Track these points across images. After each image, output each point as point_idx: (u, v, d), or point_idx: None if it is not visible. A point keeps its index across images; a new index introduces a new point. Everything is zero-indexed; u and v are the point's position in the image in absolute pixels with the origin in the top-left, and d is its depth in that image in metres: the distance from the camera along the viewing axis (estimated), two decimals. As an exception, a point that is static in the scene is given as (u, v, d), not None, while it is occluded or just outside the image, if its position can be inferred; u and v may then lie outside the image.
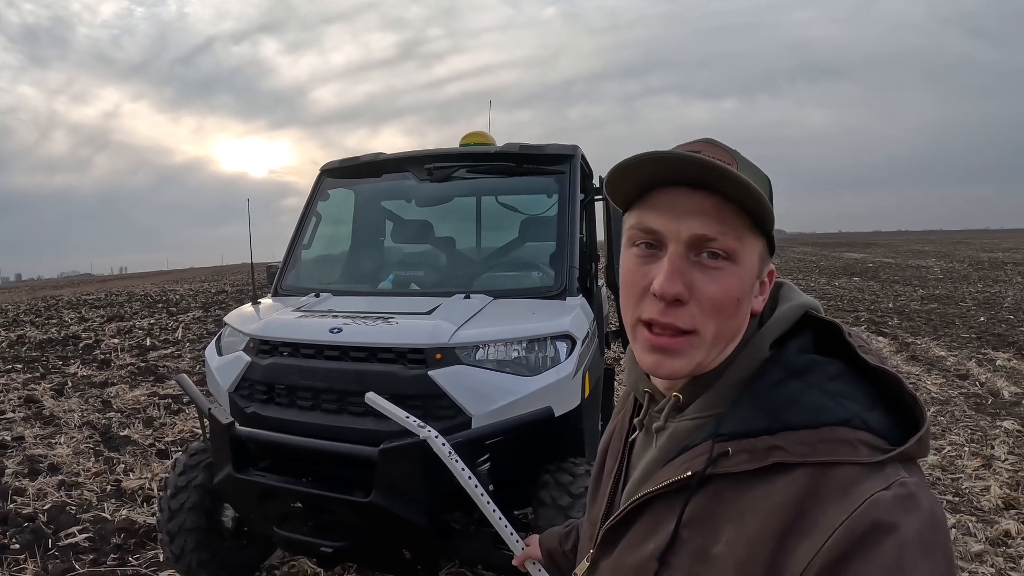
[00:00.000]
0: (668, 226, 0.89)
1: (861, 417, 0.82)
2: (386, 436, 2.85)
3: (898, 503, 0.74)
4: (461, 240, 4.78)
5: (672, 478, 0.91)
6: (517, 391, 2.96)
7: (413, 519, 2.84)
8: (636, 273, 0.93)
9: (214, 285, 28.31)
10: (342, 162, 4.56)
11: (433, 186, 4.24)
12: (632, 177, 0.92)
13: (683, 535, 0.87)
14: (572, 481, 3.04)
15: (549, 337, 3.14)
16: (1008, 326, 13.26)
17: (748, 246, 0.90)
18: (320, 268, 4.52)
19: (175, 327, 14.42)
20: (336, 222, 4.70)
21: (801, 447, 0.81)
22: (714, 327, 0.89)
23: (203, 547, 3.45)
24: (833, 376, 0.87)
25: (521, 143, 4.17)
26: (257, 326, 3.35)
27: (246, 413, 3.18)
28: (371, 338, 3.03)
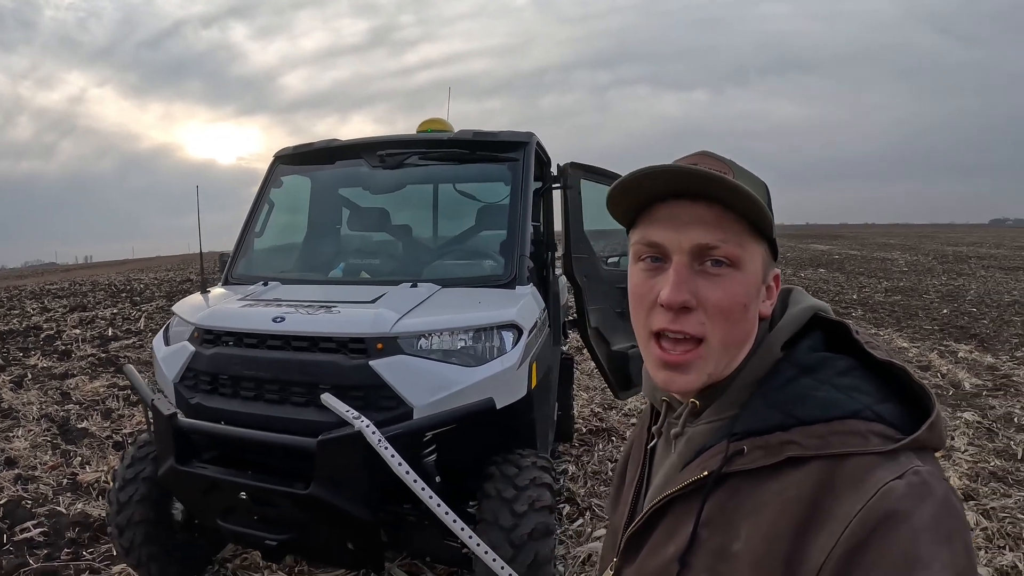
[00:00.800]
0: (671, 238, 0.91)
1: (872, 409, 0.83)
2: (327, 427, 2.82)
3: (911, 491, 0.75)
4: (418, 228, 4.74)
5: (690, 479, 0.92)
6: (459, 382, 2.94)
7: (353, 511, 2.81)
8: (643, 287, 0.95)
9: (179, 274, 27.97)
10: (295, 148, 4.50)
11: (387, 173, 4.20)
12: (633, 194, 0.94)
13: (702, 535, 0.88)
14: (518, 473, 3.03)
15: (494, 327, 3.11)
16: (970, 318, 13.53)
17: (750, 252, 0.92)
18: (272, 256, 4.45)
19: (138, 317, 14.24)
20: (289, 210, 4.64)
21: (814, 440, 0.82)
22: (721, 333, 0.91)
23: (153, 540, 3.40)
24: (843, 371, 0.88)
25: (475, 130, 4.14)
26: (201, 316, 3.30)
27: (190, 404, 3.14)
28: (313, 327, 3.00)
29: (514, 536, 2.83)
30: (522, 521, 2.87)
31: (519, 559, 2.79)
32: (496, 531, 2.84)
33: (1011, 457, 5.75)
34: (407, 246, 4.51)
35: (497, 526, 2.86)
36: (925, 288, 19.22)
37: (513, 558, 2.79)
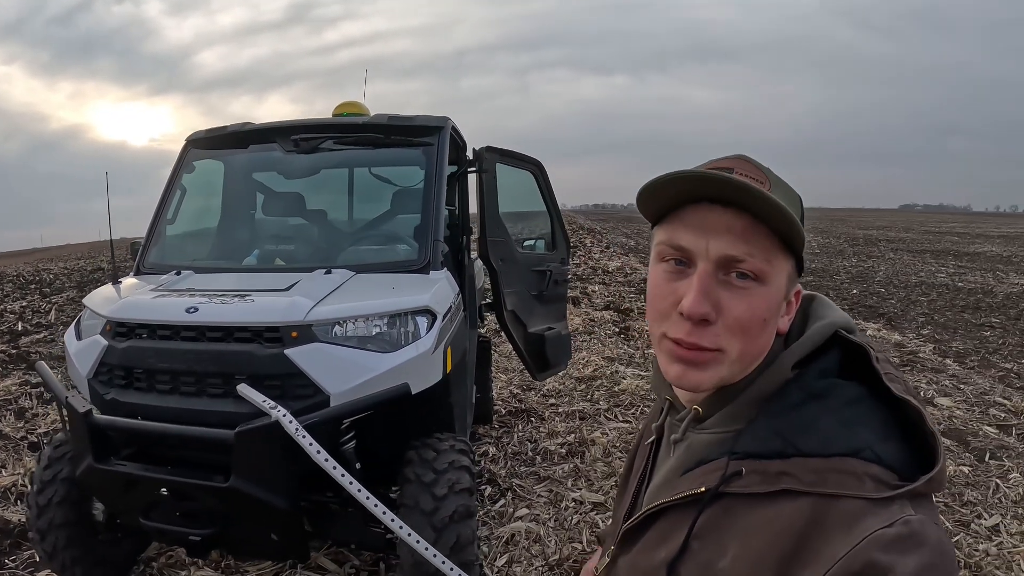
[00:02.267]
0: (698, 244, 0.89)
1: (873, 448, 0.82)
2: (244, 418, 2.81)
3: (897, 543, 0.74)
4: (334, 213, 4.71)
5: (687, 491, 0.93)
6: (374, 368, 2.96)
7: (274, 502, 2.82)
8: (664, 288, 0.94)
9: (90, 263, 26.91)
10: (208, 132, 4.40)
11: (301, 157, 4.15)
12: (662, 194, 0.92)
13: (693, 546, 0.90)
14: (436, 457, 3.08)
15: (408, 312, 3.15)
16: (879, 298, 14.18)
17: (777, 267, 0.90)
18: (185, 244, 4.37)
19: (48, 309, 13.70)
20: (202, 195, 4.55)
21: (810, 476, 0.82)
22: (739, 346, 0.90)
23: (75, 543, 3.32)
24: (851, 401, 0.88)
25: (391, 114, 4.14)
26: (113, 308, 3.22)
27: (105, 400, 3.07)
28: (227, 317, 2.97)
29: (435, 520, 2.89)
30: (443, 504, 2.93)
31: (441, 542, 2.86)
32: (417, 515, 2.89)
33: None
34: (322, 232, 4.48)
35: (418, 510, 2.92)
36: (836, 269, 20.03)
37: (436, 541, 2.85)
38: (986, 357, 8.96)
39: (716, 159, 0.95)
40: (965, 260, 23.61)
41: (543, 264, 5.03)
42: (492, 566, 3.85)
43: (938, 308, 12.94)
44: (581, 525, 4.30)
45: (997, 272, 19.85)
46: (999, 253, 26.76)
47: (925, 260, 23.39)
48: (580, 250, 24.10)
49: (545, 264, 5.04)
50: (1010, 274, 19.29)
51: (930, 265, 21.66)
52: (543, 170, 5.13)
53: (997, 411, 6.58)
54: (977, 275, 18.91)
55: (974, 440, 5.79)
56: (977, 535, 4.21)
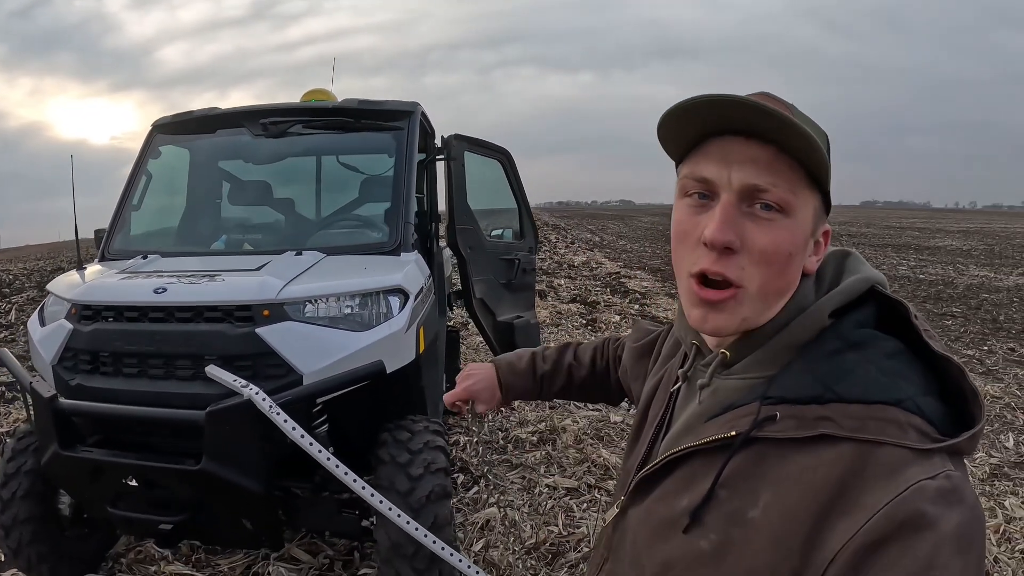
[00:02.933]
0: (720, 175, 0.87)
1: (915, 400, 0.80)
2: (215, 399, 2.75)
3: (942, 496, 0.73)
4: (301, 201, 4.66)
5: (715, 435, 0.90)
6: (348, 347, 2.93)
7: (247, 485, 2.76)
8: (688, 223, 0.92)
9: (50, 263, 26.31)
10: (175, 117, 4.32)
11: (270, 143, 4.10)
12: (683, 125, 0.90)
13: (720, 494, 0.86)
14: (411, 438, 3.05)
15: (381, 291, 3.12)
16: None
17: (802, 200, 0.88)
18: (151, 230, 4.29)
19: (8, 309, 13.40)
20: (168, 181, 4.46)
21: (851, 421, 0.79)
22: (760, 279, 0.87)
23: (41, 539, 3.23)
24: (891, 354, 0.85)
25: (360, 99, 4.11)
26: (79, 291, 3.14)
27: (70, 386, 2.98)
28: (196, 296, 2.91)
29: (412, 500, 2.86)
30: (419, 484, 2.90)
31: (419, 522, 2.82)
32: (394, 496, 2.85)
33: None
34: (290, 217, 4.44)
35: (394, 491, 2.88)
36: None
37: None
38: (948, 345, 9.12)
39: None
40: (926, 254, 24.09)
41: (511, 253, 5.04)
42: (469, 551, 3.83)
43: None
44: (556, 510, 4.30)
45: (957, 264, 20.33)
46: (959, 247, 27.37)
47: (887, 254, 23.81)
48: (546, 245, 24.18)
49: (513, 253, 5.05)
50: (970, 266, 19.75)
51: (892, 259, 22.03)
52: (511, 159, 5.14)
53: (961, 396, 6.69)
54: (938, 268, 19.32)
55: (939, 423, 5.89)
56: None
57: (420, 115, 4.10)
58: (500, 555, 3.78)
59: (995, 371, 7.88)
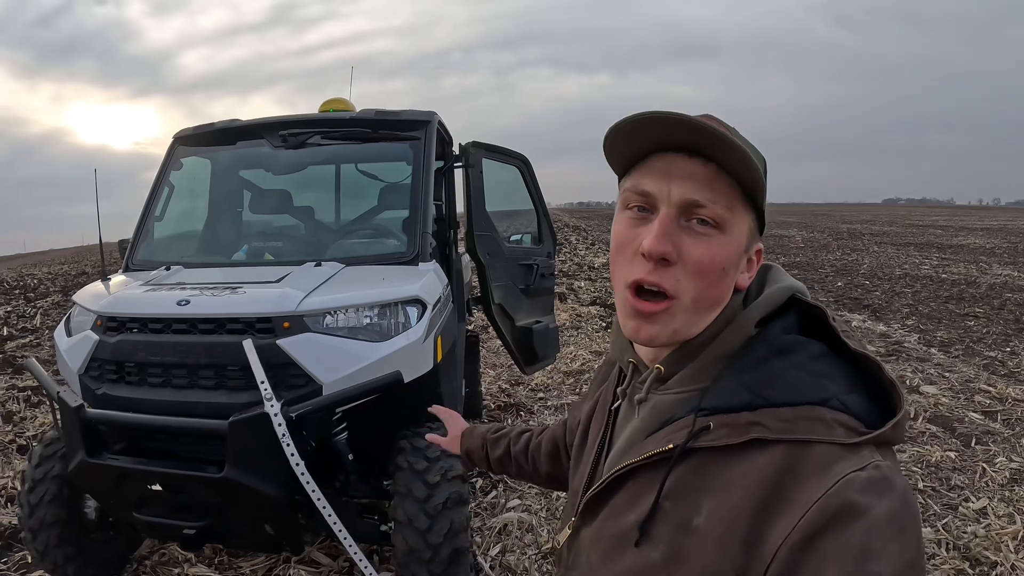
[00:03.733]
0: (661, 189, 0.90)
1: (840, 399, 0.84)
2: (238, 409, 2.82)
3: (871, 485, 0.76)
4: (321, 209, 4.73)
5: (654, 450, 0.93)
6: (367, 357, 2.99)
7: (268, 492, 2.83)
8: (627, 235, 0.94)
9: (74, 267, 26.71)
10: (195, 129, 4.41)
11: (289, 153, 4.17)
12: (628, 140, 0.93)
13: (665, 506, 0.89)
14: (428, 445, 3.08)
15: (399, 302, 3.18)
16: (863, 291, 14.31)
17: (738, 217, 0.91)
18: (173, 241, 4.38)
19: (33, 314, 13.62)
20: (190, 192, 4.55)
21: (780, 424, 0.83)
22: (694, 291, 0.91)
23: (67, 541, 3.31)
24: (815, 356, 0.89)
25: (377, 109, 4.17)
26: (104, 303, 3.23)
27: (97, 395, 3.07)
28: (218, 309, 2.99)
29: (428, 507, 2.92)
30: (436, 491, 2.95)
31: (435, 528, 2.89)
32: (411, 502, 2.92)
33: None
34: (310, 227, 4.50)
35: (411, 497, 2.94)
36: (821, 263, 20.19)
37: (429, 528, 2.89)
38: (970, 346, 9.06)
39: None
40: (948, 252, 23.87)
41: (530, 258, 5.06)
42: (486, 555, 3.88)
43: (922, 299, 13.05)
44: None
45: (980, 263, 20.09)
46: (982, 245, 27.07)
47: (909, 253, 23.62)
48: (566, 247, 24.16)
49: (532, 258, 5.07)
50: (993, 265, 19.53)
51: (914, 257, 21.85)
52: (529, 165, 5.16)
53: (982, 398, 6.68)
54: (960, 267, 19.13)
55: (960, 426, 5.88)
56: (965, 518, 4.29)
57: (437, 124, 4.14)
58: (516, 560, 3.83)
59: (1017, 373, 7.79)
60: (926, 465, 5.10)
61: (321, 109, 4.53)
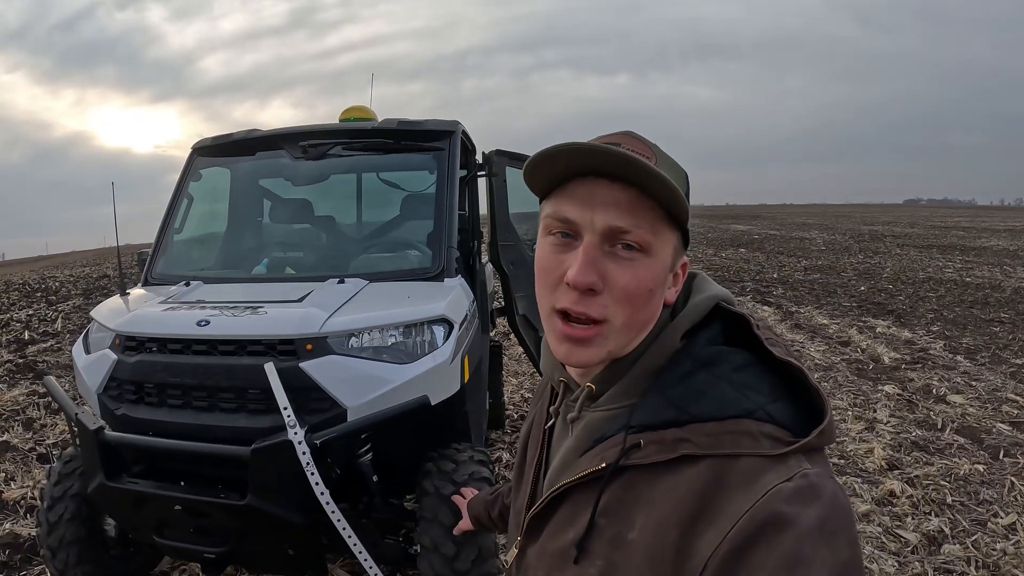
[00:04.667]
0: (584, 216, 0.91)
1: (765, 409, 0.85)
2: (259, 433, 2.75)
3: (798, 495, 0.77)
4: (342, 219, 4.66)
5: (587, 469, 0.94)
6: (392, 380, 2.91)
7: (291, 517, 2.76)
8: (551, 261, 0.95)
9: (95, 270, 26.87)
10: (214, 140, 4.36)
11: (309, 164, 4.09)
12: (551, 167, 0.93)
13: (600, 523, 0.91)
14: (455, 469, 3.02)
15: (425, 322, 3.10)
16: (887, 295, 14.09)
17: (662, 239, 0.92)
18: (193, 254, 4.32)
19: (54, 318, 13.68)
20: (209, 204, 4.50)
21: (707, 439, 0.84)
22: (624, 316, 0.91)
23: (87, 559, 3.26)
24: (739, 367, 0.90)
25: (400, 119, 4.09)
26: (122, 321, 3.16)
27: (115, 415, 3.02)
28: (239, 330, 2.91)
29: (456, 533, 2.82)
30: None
31: (463, 555, 2.81)
32: (437, 528, 2.84)
33: (931, 427, 6.04)
34: (332, 239, 4.43)
35: (437, 523, 2.86)
36: (843, 266, 19.94)
37: (457, 555, 2.81)
38: (996, 353, 8.86)
39: (604, 135, 0.97)
40: (972, 255, 23.48)
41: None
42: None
43: (947, 304, 12.79)
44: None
45: (1004, 266, 19.70)
46: (1006, 247, 26.64)
47: (932, 255, 23.28)
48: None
49: None
50: (1017, 268, 19.15)
51: (937, 260, 21.50)
52: None
53: (1010, 408, 6.52)
54: (984, 270, 18.78)
55: (988, 438, 5.76)
56: (994, 534, 4.18)
57: (460, 134, 4.07)
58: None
59: (1043, 381, 7.60)
60: (955, 479, 4.96)
61: (341, 117, 4.47)
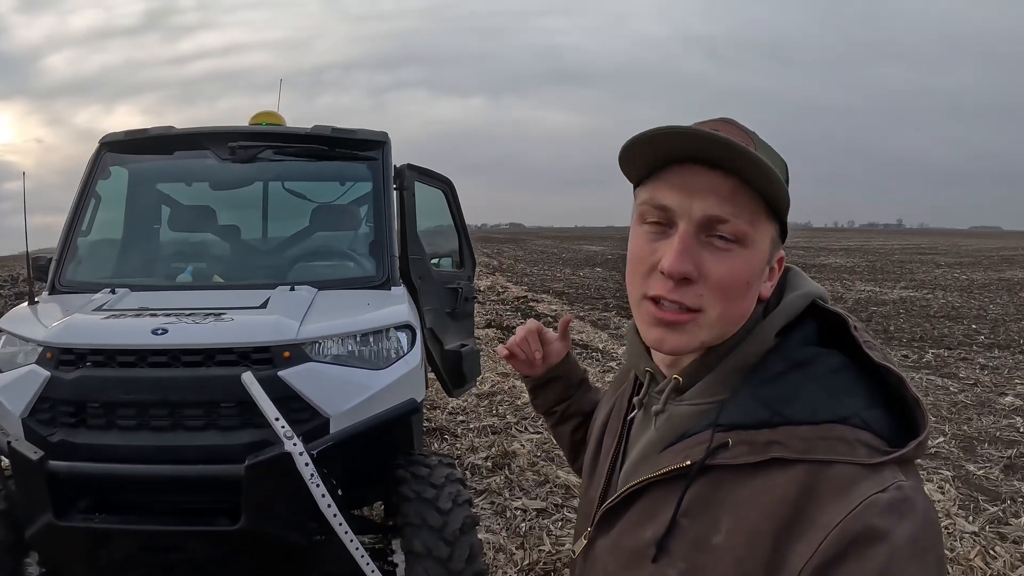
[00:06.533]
0: (681, 204, 0.87)
1: (861, 416, 0.82)
2: (238, 451, 2.56)
3: (893, 507, 0.74)
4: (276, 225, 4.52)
5: (671, 465, 0.90)
6: (371, 386, 2.85)
7: (290, 538, 2.61)
8: (644, 250, 0.91)
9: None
10: (127, 135, 3.96)
11: (232, 167, 3.87)
12: (647, 152, 0.89)
13: (682, 523, 0.87)
14: (430, 473, 2.97)
15: (392, 327, 3.06)
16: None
17: (760, 231, 0.88)
18: (107, 259, 3.97)
19: None
20: (120, 205, 4.17)
21: (800, 443, 0.81)
22: (720, 308, 0.88)
23: None
24: (835, 370, 0.86)
25: (332, 126, 4.00)
26: (54, 331, 2.80)
27: (50, 443, 2.63)
28: (206, 338, 2.70)
29: (447, 534, 2.77)
30: (450, 518, 2.82)
31: (456, 555, 2.75)
32: (427, 532, 2.77)
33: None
34: (260, 247, 4.29)
35: (426, 527, 2.78)
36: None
37: (451, 556, 2.74)
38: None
39: (701, 121, 0.93)
40: (813, 272, 25.34)
41: (454, 281, 5.03)
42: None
43: (796, 316, 13.80)
44: (536, 530, 4.35)
45: (844, 281, 21.62)
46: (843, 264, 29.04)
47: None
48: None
49: (456, 281, 5.05)
50: (856, 282, 21.05)
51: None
52: (453, 188, 5.13)
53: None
54: (826, 284, 20.21)
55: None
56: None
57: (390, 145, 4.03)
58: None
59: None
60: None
61: (252, 121, 4.25)
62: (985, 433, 6.34)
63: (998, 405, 7.28)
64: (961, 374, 8.68)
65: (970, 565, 3.86)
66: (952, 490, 4.93)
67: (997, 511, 4.62)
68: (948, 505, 4.63)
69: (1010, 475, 5.32)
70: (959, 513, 4.53)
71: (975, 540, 4.15)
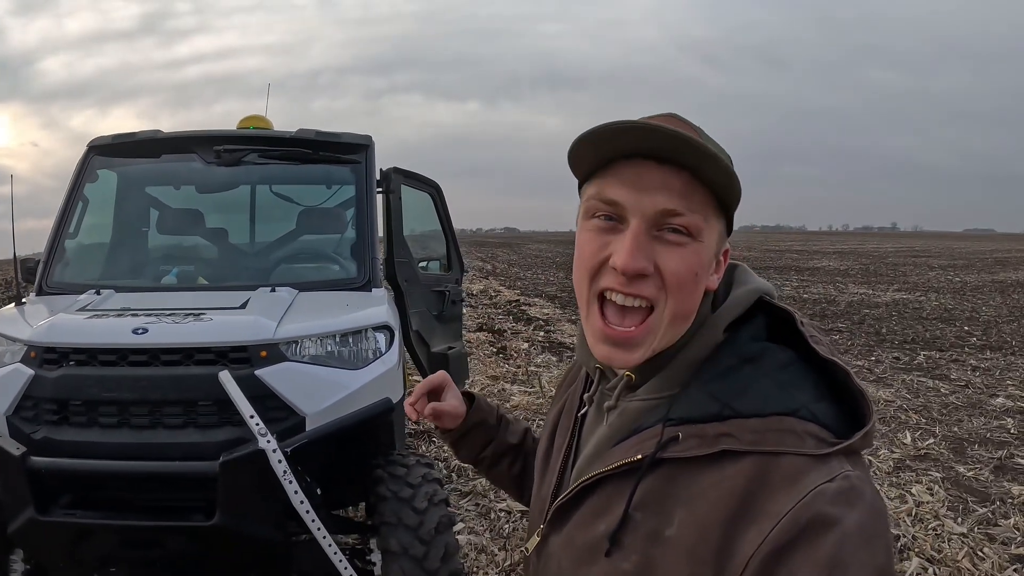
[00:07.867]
0: (631, 199, 0.87)
1: (809, 408, 0.83)
2: (215, 448, 2.60)
3: (841, 496, 0.76)
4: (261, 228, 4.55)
5: (622, 460, 0.91)
6: (348, 385, 2.89)
7: (265, 535, 2.64)
8: (594, 244, 0.91)
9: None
10: (115, 138, 4.03)
11: (218, 171, 3.93)
12: (597, 146, 0.88)
13: (635, 516, 0.88)
14: (407, 472, 2.99)
15: (370, 328, 3.09)
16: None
17: (711, 224, 0.89)
18: (94, 261, 4.03)
19: None
20: (108, 207, 4.22)
21: (750, 435, 0.82)
22: (674, 303, 0.88)
23: None
24: (784, 365, 0.88)
25: (317, 130, 4.04)
26: (38, 331, 2.86)
27: (34, 440, 2.69)
28: (185, 338, 2.75)
29: (422, 533, 2.80)
30: (426, 517, 2.85)
31: (432, 554, 2.77)
32: (403, 531, 2.80)
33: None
34: (246, 250, 4.31)
35: (402, 526, 2.81)
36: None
37: (426, 555, 2.77)
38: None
39: (647, 116, 0.92)
40: (807, 274, 25.45)
41: (441, 284, 5.05)
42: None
43: (787, 318, 13.91)
44: (519, 532, 4.35)
45: (837, 283, 21.65)
46: (836, 267, 29.06)
47: (770, 276, 24.84)
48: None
49: (443, 284, 5.06)
50: (849, 284, 21.07)
51: (775, 280, 23.01)
52: (440, 192, 5.16)
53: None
54: (820, 287, 20.53)
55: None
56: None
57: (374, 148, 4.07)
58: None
59: (884, 378, 8.57)
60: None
61: (240, 126, 4.31)
62: (976, 434, 6.36)
63: (989, 406, 7.30)
64: (953, 376, 8.71)
65: (958, 567, 3.88)
66: (941, 491, 4.95)
67: (986, 512, 4.62)
68: (937, 507, 4.66)
69: (1000, 476, 5.34)
70: (948, 515, 4.55)
71: (963, 541, 4.18)
